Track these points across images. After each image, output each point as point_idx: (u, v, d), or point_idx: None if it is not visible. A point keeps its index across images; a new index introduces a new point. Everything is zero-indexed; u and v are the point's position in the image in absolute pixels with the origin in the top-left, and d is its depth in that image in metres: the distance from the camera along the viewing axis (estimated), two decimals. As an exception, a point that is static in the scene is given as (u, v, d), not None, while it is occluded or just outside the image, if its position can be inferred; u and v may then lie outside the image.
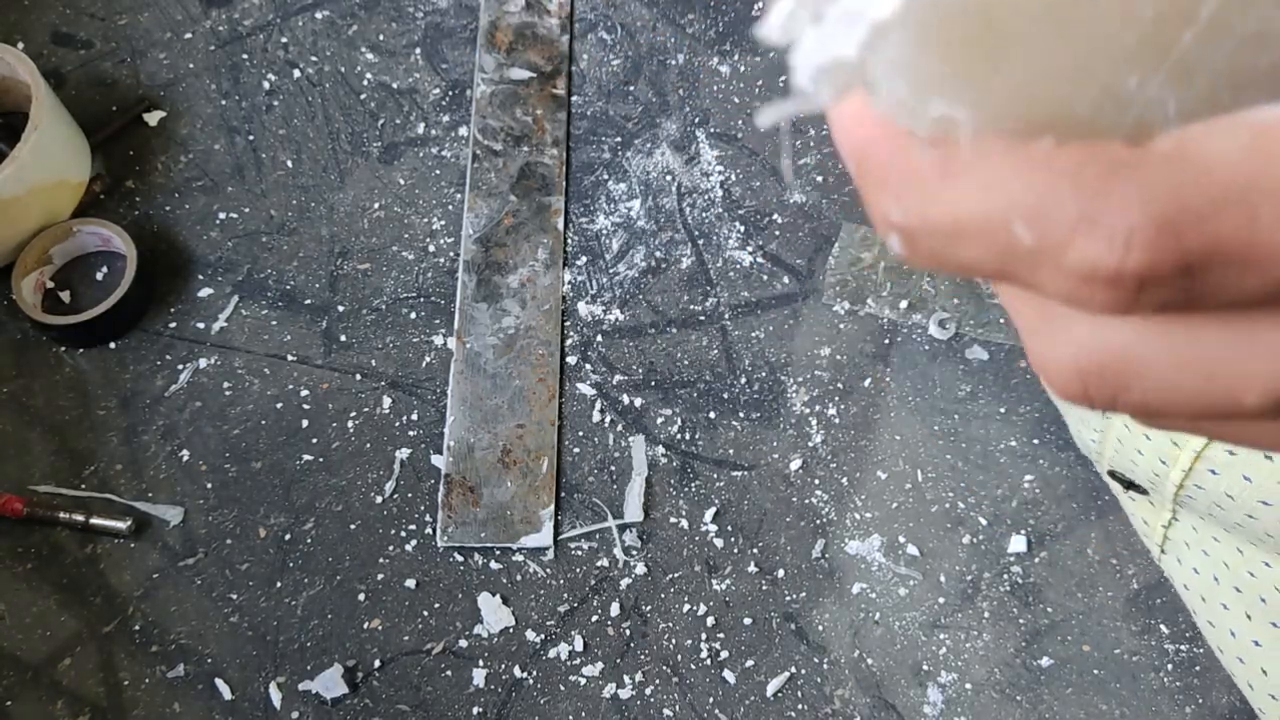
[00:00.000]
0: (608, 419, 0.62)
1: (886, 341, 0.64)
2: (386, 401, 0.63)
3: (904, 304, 0.65)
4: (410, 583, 0.58)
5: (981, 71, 0.15)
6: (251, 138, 0.70)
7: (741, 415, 0.62)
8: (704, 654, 0.57)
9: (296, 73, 0.73)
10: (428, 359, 0.64)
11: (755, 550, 0.59)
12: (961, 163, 0.16)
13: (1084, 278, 0.15)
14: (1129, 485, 0.56)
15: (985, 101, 0.15)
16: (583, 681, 0.56)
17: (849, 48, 0.15)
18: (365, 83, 0.73)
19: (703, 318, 0.65)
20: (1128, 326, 0.16)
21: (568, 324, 0.65)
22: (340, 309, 0.65)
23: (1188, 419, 0.17)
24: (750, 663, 0.57)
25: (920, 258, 0.16)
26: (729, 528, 0.60)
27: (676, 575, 0.59)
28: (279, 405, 0.62)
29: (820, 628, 0.57)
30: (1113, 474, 0.57)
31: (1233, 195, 0.14)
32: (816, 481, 0.61)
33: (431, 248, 0.67)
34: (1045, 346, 0.17)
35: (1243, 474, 0.45)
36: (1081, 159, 0.15)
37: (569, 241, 0.67)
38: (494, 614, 0.57)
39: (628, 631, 0.57)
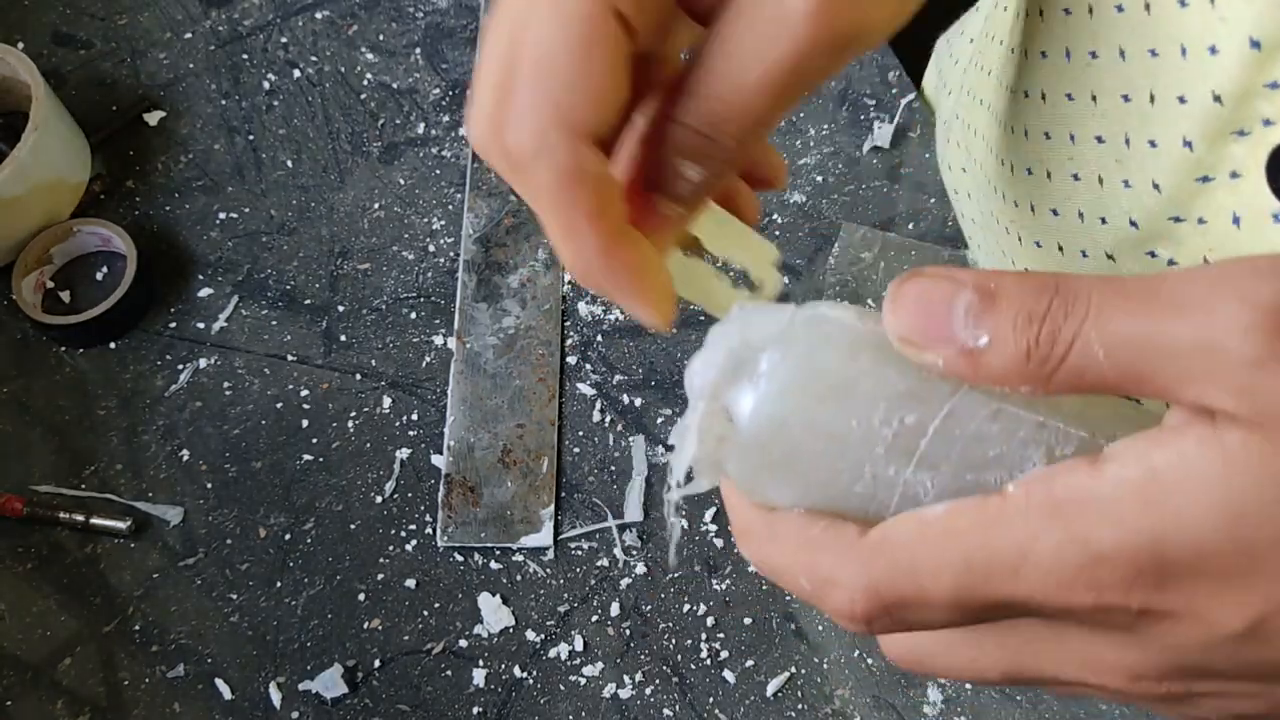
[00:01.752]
0: (608, 419, 0.62)
1: (886, 341, 0.64)
2: (386, 401, 0.63)
3: (904, 304, 0.65)
4: (410, 583, 0.58)
5: (785, 478, 0.26)
6: (251, 138, 0.70)
7: (741, 415, 0.62)
8: (704, 654, 0.57)
9: (296, 73, 0.73)
10: (428, 359, 0.64)
11: (755, 550, 0.59)
12: (778, 533, 0.26)
13: (839, 615, 0.25)
14: None
15: (790, 494, 0.26)
16: (583, 681, 0.56)
17: (705, 462, 0.27)
18: (365, 83, 0.73)
19: (703, 318, 0.65)
20: (914, 638, 0.27)
21: (568, 324, 0.65)
22: (340, 309, 0.65)
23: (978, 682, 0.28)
24: (750, 663, 0.57)
25: (760, 567, 0.27)
26: (729, 528, 0.60)
27: (676, 575, 0.59)
28: (279, 405, 0.62)
29: (820, 628, 0.57)
30: None
31: (903, 569, 0.24)
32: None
33: (431, 248, 0.67)
34: (836, 590, 0.25)
35: None
36: (832, 539, 0.25)
37: (569, 241, 0.67)
38: (494, 614, 0.57)
39: (628, 631, 0.57)
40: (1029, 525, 0.22)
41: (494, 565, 0.59)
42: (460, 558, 0.59)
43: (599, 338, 0.64)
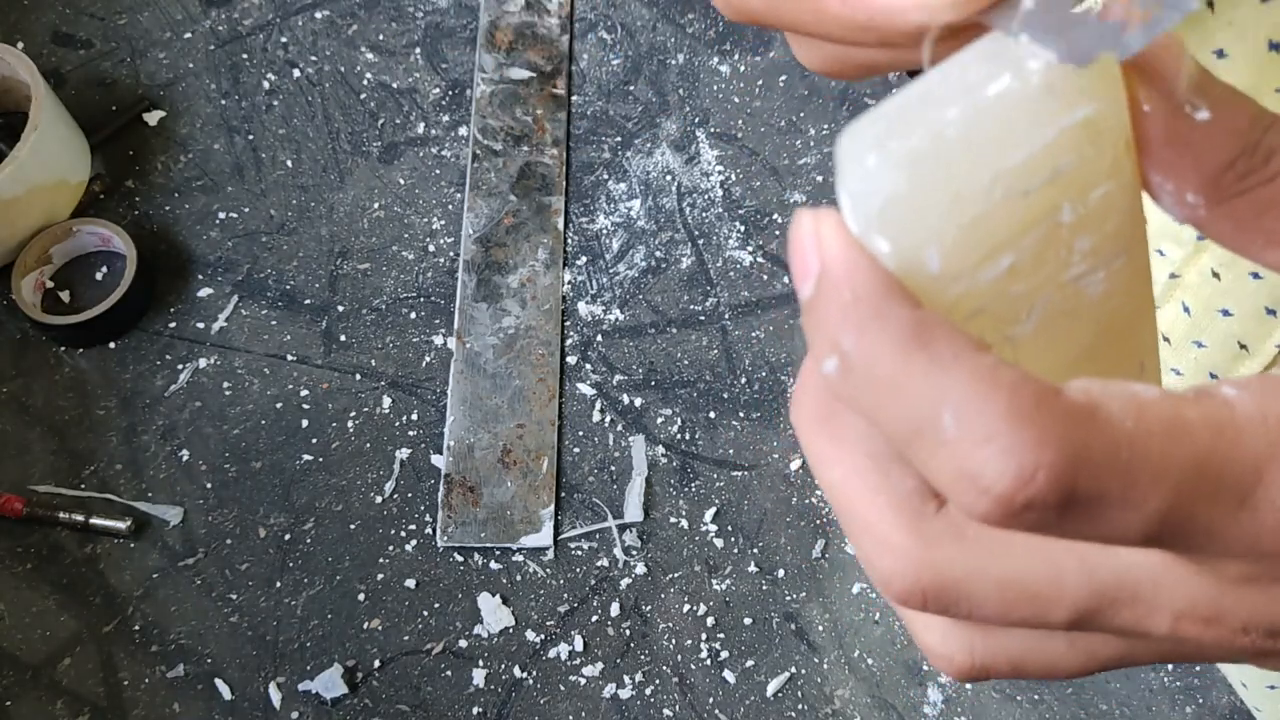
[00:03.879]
0: (608, 419, 0.62)
1: (886, 341, 0.64)
2: (386, 401, 0.63)
3: (904, 304, 0.65)
4: (410, 583, 0.58)
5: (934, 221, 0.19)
6: (251, 137, 0.70)
7: (741, 415, 0.62)
8: (704, 654, 0.57)
9: (296, 72, 0.73)
10: (428, 359, 0.64)
11: (755, 550, 0.59)
12: (932, 337, 0.18)
13: (977, 483, 0.18)
14: None
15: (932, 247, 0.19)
16: (583, 681, 0.56)
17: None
18: (365, 83, 0.73)
19: (703, 318, 0.65)
20: (961, 548, 0.20)
21: (568, 324, 0.65)
22: (340, 309, 0.65)
23: (1011, 627, 0.21)
24: (750, 663, 0.57)
25: (847, 386, 0.19)
26: (729, 528, 0.60)
27: (676, 575, 0.59)
28: (279, 405, 0.62)
29: (820, 628, 0.57)
30: None
31: (1121, 462, 0.18)
32: (816, 481, 0.61)
33: (431, 248, 0.67)
34: (889, 562, 0.20)
35: None
36: (1017, 381, 0.18)
37: (569, 241, 0.67)
38: (494, 614, 0.57)
39: (628, 631, 0.57)
40: (1271, 441, 0.18)
41: (494, 565, 0.59)
42: (460, 558, 0.59)
43: (599, 338, 0.64)
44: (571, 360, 0.64)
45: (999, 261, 0.20)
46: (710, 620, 0.58)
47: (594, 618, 0.58)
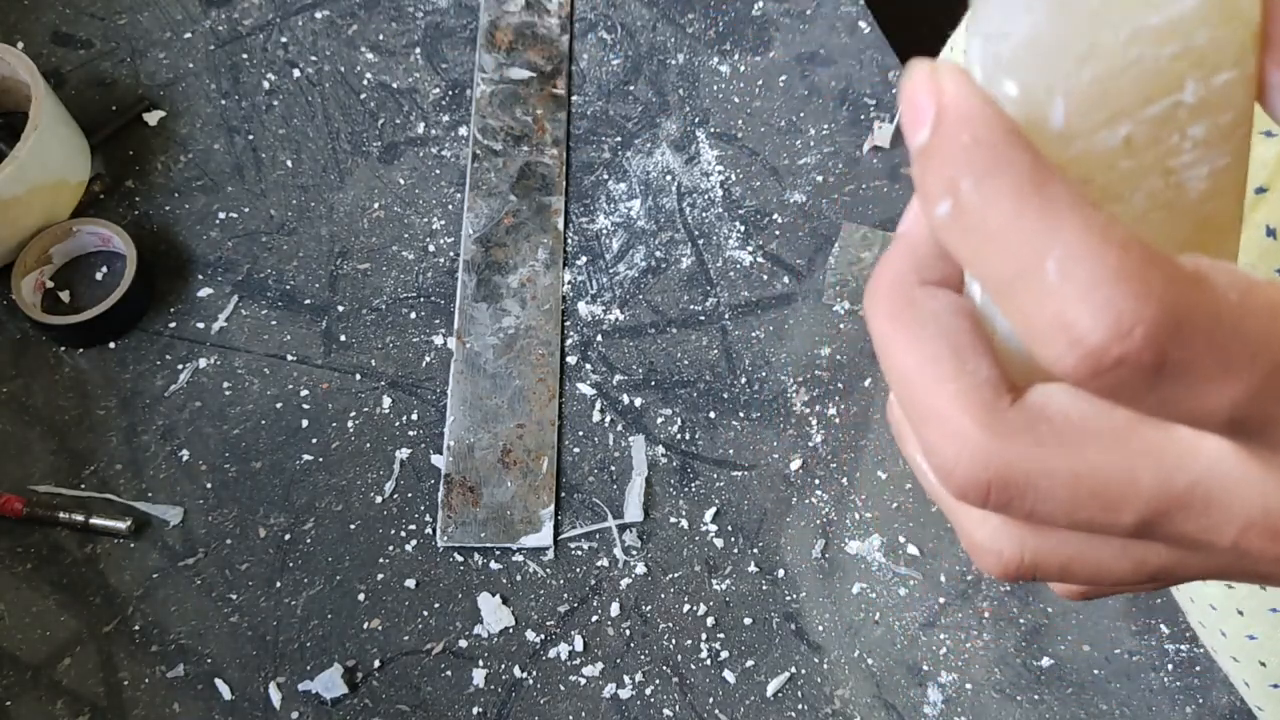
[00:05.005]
0: (608, 419, 0.62)
1: (886, 341, 0.64)
2: (386, 401, 0.62)
3: (904, 304, 0.65)
4: (410, 583, 0.58)
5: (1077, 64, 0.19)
6: (251, 137, 0.70)
7: (741, 415, 0.62)
8: (704, 654, 0.57)
9: (296, 72, 0.73)
10: (428, 359, 0.64)
11: (755, 550, 0.59)
12: (1049, 187, 0.18)
13: (1071, 332, 0.17)
14: None
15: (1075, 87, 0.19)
16: (583, 681, 0.56)
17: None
18: (365, 83, 0.73)
19: (703, 318, 0.65)
20: (1034, 442, 0.20)
21: (568, 324, 0.65)
22: (340, 309, 0.65)
23: (1069, 529, 0.21)
24: (750, 663, 0.57)
25: (957, 229, 0.19)
26: (729, 528, 0.60)
27: (676, 575, 0.59)
28: (279, 405, 0.62)
29: (820, 628, 0.57)
30: None
31: (1221, 333, 0.17)
32: (816, 481, 0.61)
33: (431, 248, 0.67)
34: (954, 450, 0.20)
35: None
36: (1128, 239, 0.17)
37: (569, 241, 0.67)
38: (494, 614, 0.57)
39: (628, 631, 0.57)
40: None
41: (494, 565, 0.59)
42: (460, 558, 0.59)
43: (599, 338, 0.64)
44: (571, 360, 0.64)
45: (1117, 129, 0.19)
46: (710, 620, 0.57)
47: (594, 618, 0.58)
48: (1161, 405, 0.18)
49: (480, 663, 0.56)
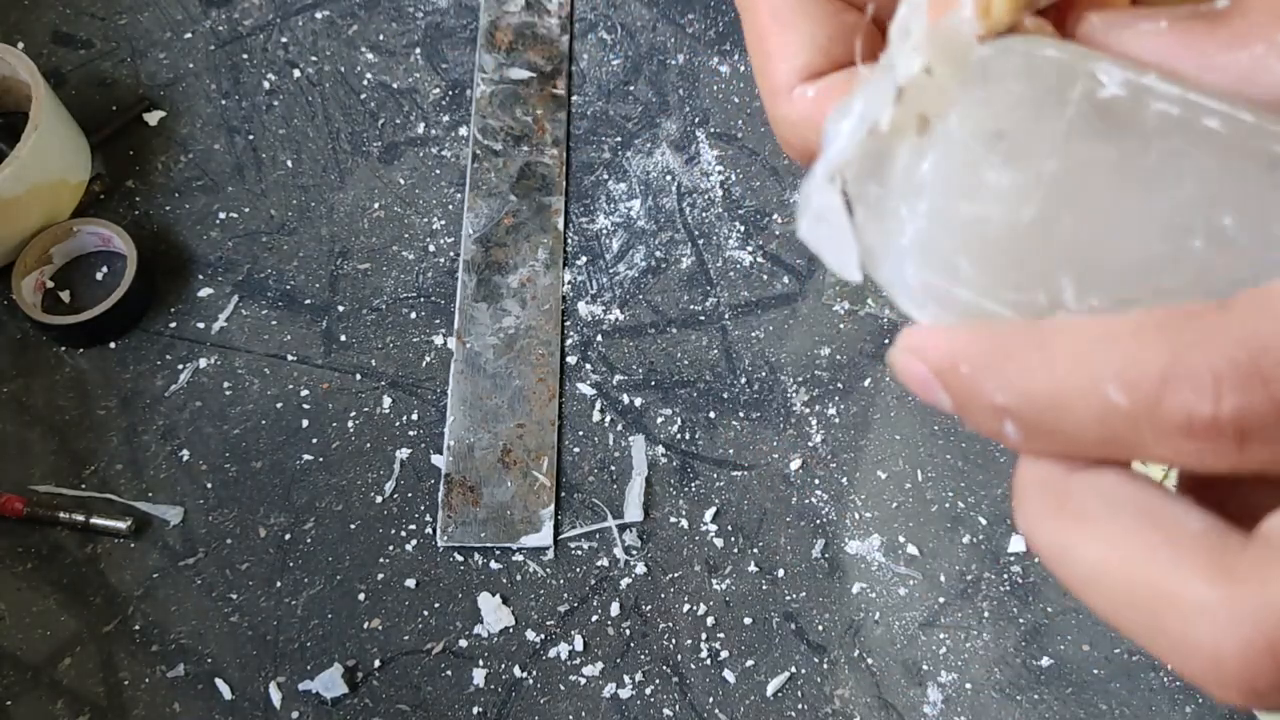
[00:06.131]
0: (608, 419, 0.62)
1: (886, 341, 0.64)
2: (386, 401, 0.63)
3: (904, 304, 0.65)
4: (410, 583, 0.58)
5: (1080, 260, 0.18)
6: (251, 138, 0.70)
7: (741, 415, 0.62)
8: (704, 654, 0.57)
9: (296, 73, 0.73)
10: (428, 359, 0.64)
11: (755, 550, 0.59)
12: (1052, 336, 0.17)
13: (1184, 430, 0.15)
14: None
15: (1091, 279, 0.18)
16: (583, 681, 0.56)
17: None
18: (365, 83, 0.73)
19: (703, 318, 0.65)
20: None
21: (568, 324, 0.65)
22: (340, 309, 0.65)
23: None
24: (750, 663, 0.57)
25: (1031, 440, 0.17)
26: (729, 527, 0.60)
27: (676, 575, 0.59)
28: (279, 405, 0.62)
29: (820, 628, 0.57)
30: None
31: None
32: (816, 481, 0.61)
33: (431, 248, 0.67)
34: (1208, 630, 0.15)
35: None
36: (1162, 317, 0.16)
37: (569, 241, 0.67)
38: (494, 614, 0.57)
39: (628, 631, 0.57)
40: None
41: (494, 565, 0.59)
42: (460, 558, 0.59)
43: (599, 338, 0.64)
44: (571, 360, 0.64)
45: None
46: (710, 620, 0.58)
47: (594, 617, 0.58)
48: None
49: (480, 662, 0.56)
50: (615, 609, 0.58)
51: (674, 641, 0.57)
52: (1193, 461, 0.16)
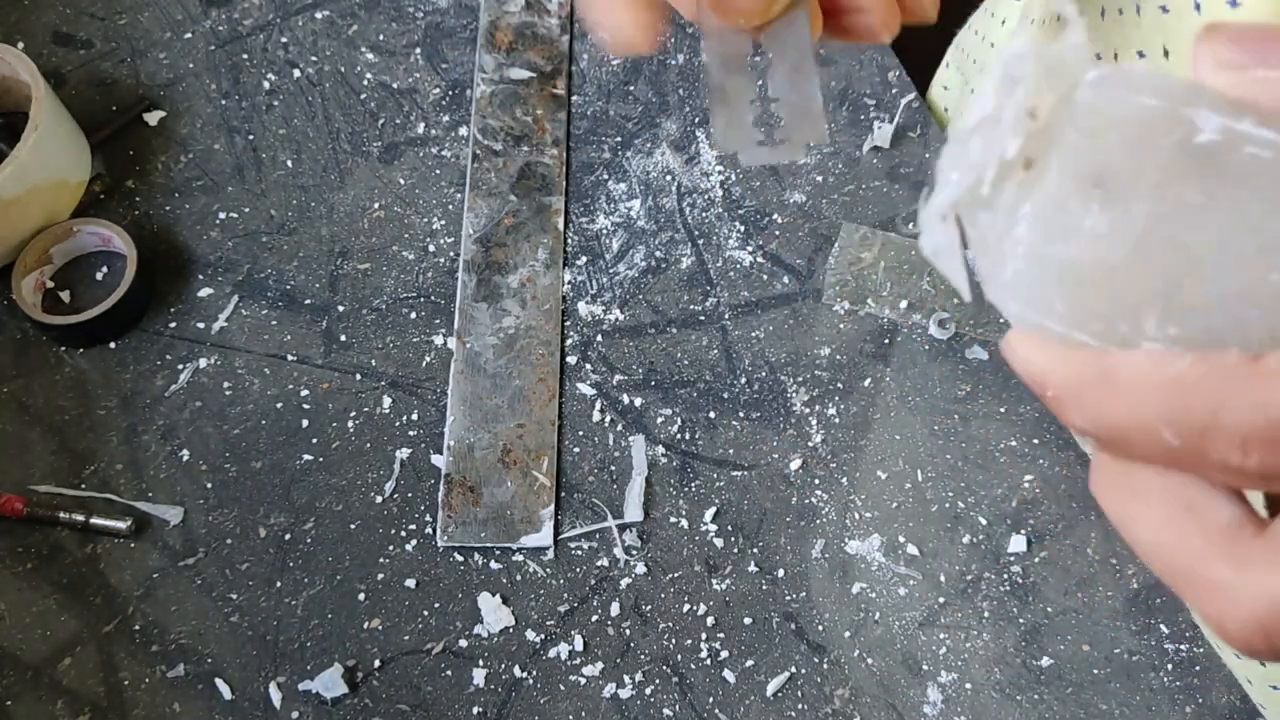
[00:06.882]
0: (608, 419, 0.62)
1: (886, 341, 0.64)
2: (386, 401, 0.63)
3: (904, 304, 0.65)
4: (410, 583, 0.58)
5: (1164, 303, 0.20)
6: (251, 138, 0.70)
7: (741, 415, 0.62)
8: (704, 654, 0.57)
9: (296, 73, 0.73)
10: (428, 359, 0.64)
11: (755, 550, 0.59)
12: (1117, 380, 0.20)
13: (1223, 470, 0.19)
14: None
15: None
16: (583, 681, 0.56)
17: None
18: (365, 83, 0.73)
19: (703, 318, 0.65)
20: None
21: (568, 324, 0.65)
22: (340, 309, 0.65)
23: None
24: (750, 663, 0.57)
25: (1109, 451, 0.21)
26: (729, 527, 0.60)
27: (676, 575, 0.59)
28: (279, 405, 0.62)
29: (820, 628, 0.57)
30: None
31: None
32: (816, 481, 0.61)
33: (431, 248, 0.67)
34: (1218, 605, 0.20)
35: None
36: (1204, 371, 0.19)
37: (569, 241, 0.67)
38: (494, 614, 0.57)
39: (628, 631, 0.57)
40: None
41: (494, 565, 0.59)
42: (460, 558, 0.59)
43: (599, 338, 0.64)
44: (571, 360, 0.64)
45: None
46: (710, 620, 0.58)
47: (594, 617, 0.58)
48: None
49: (480, 662, 0.56)
50: (615, 609, 0.58)
51: (674, 641, 0.57)
52: (1236, 485, 0.19)
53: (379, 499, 0.60)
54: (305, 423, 0.62)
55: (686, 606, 0.58)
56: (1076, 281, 0.20)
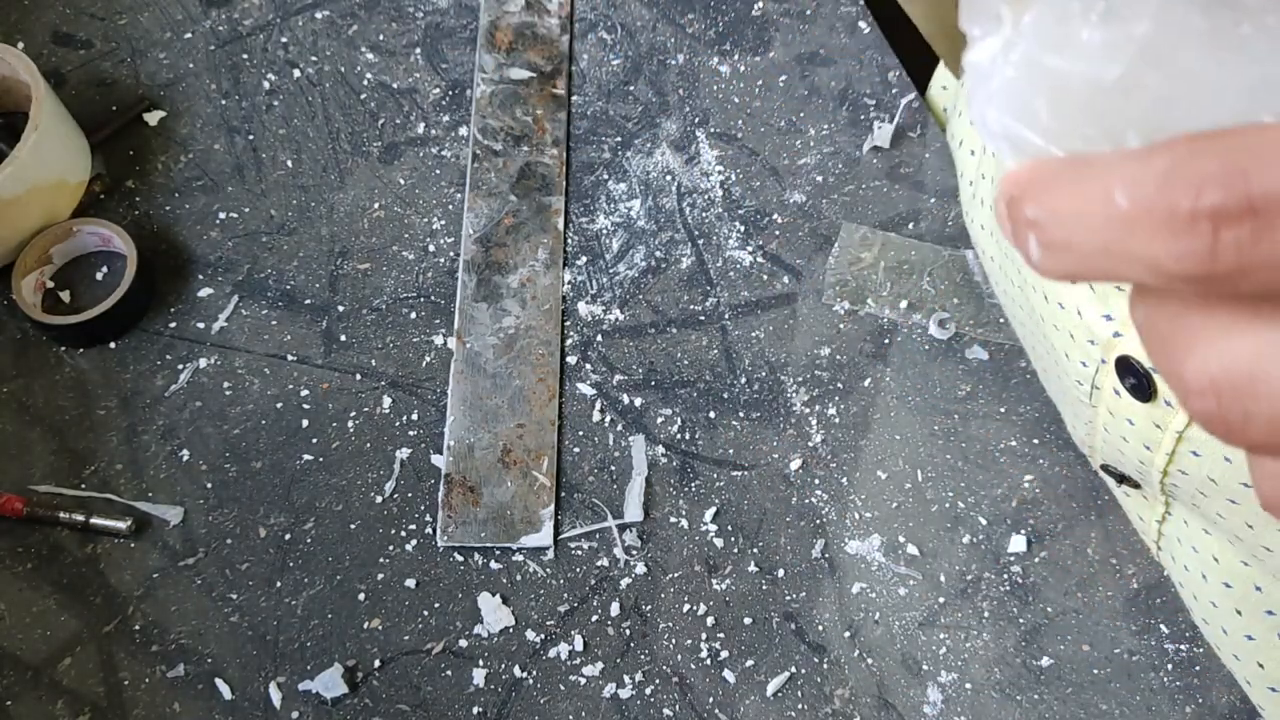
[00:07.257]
0: (608, 419, 0.62)
1: (886, 341, 0.64)
2: (386, 401, 0.63)
3: (904, 304, 0.65)
4: (410, 583, 0.58)
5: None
6: (251, 138, 0.71)
7: (741, 415, 0.62)
8: (704, 654, 0.57)
9: (296, 73, 0.73)
10: (428, 359, 0.64)
11: (755, 550, 0.59)
12: (1092, 161, 0.19)
13: (1167, 226, 0.17)
14: (1121, 479, 0.56)
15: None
16: (583, 681, 0.56)
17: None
18: (365, 83, 0.73)
19: (703, 318, 0.65)
20: (1262, 336, 0.18)
21: (568, 324, 0.65)
22: (340, 309, 0.65)
23: None
24: (750, 663, 0.57)
25: (1047, 253, 0.20)
26: (729, 527, 0.60)
27: (676, 575, 0.59)
28: (279, 405, 0.62)
29: (820, 628, 0.57)
30: (1105, 468, 0.57)
31: None
32: (816, 481, 0.61)
33: (431, 248, 0.67)
34: (1179, 361, 0.19)
35: (1224, 455, 0.45)
36: (1181, 137, 0.18)
37: (569, 241, 0.67)
38: (494, 614, 0.57)
39: (628, 631, 0.57)
40: None
41: (494, 565, 0.59)
42: (460, 558, 0.59)
43: (599, 338, 0.64)
44: (571, 360, 0.64)
45: None
46: (710, 620, 0.58)
47: (594, 617, 0.58)
48: None
49: (480, 662, 0.56)
50: (615, 609, 0.58)
51: (674, 641, 0.57)
52: (1172, 267, 0.17)
53: (379, 499, 0.60)
54: (305, 423, 0.62)
55: (686, 606, 0.58)
56: (1065, 94, 0.20)
